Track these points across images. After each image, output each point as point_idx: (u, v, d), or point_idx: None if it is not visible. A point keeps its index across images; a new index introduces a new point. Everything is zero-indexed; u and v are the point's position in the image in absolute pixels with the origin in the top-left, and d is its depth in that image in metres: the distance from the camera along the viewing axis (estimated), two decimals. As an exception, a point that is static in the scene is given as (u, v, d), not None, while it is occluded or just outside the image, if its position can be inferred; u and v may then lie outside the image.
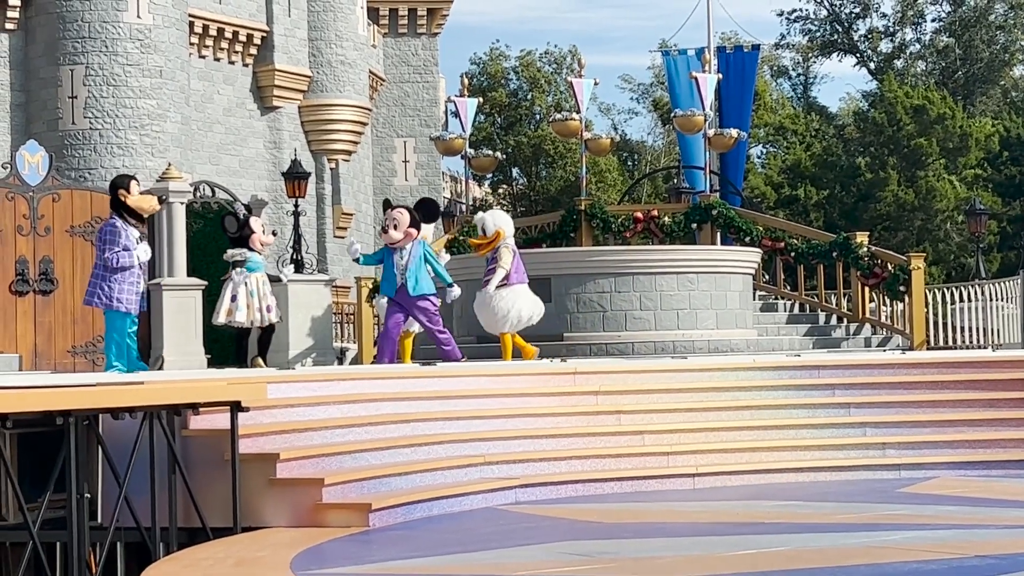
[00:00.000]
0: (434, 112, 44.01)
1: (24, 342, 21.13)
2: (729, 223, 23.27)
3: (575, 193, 36.06)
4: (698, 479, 12.68)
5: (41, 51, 32.40)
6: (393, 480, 10.91)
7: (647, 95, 64.40)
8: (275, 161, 36.63)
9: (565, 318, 19.63)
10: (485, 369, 14.12)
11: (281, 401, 11.37)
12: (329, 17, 38.28)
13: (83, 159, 31.94)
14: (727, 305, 20.33)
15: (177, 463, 9.90)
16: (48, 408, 8.94)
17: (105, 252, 13.66)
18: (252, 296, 15.85)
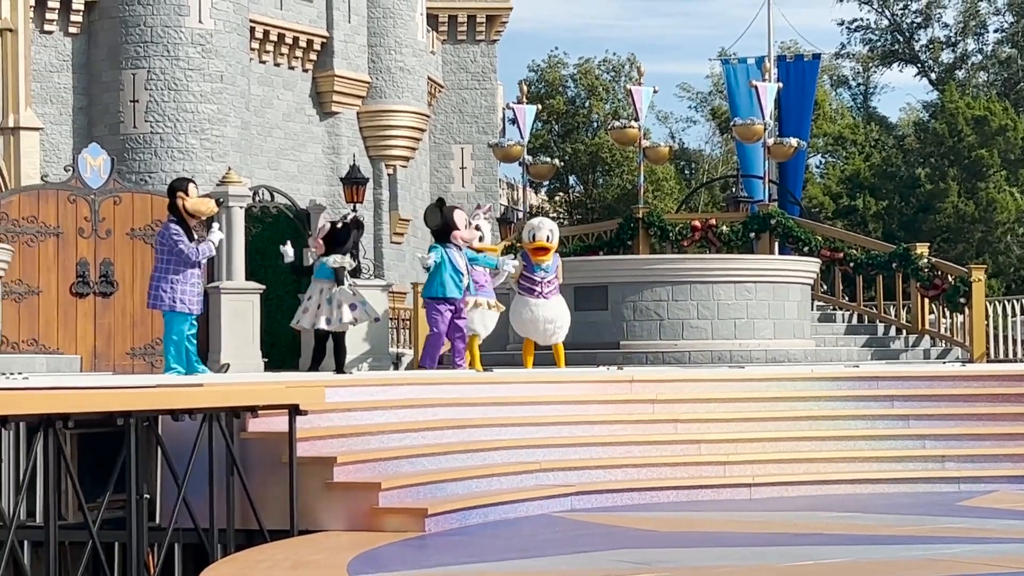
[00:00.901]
0: (492, 119, 44.07)
1: (84, 343, 21.30)
2: (787, 233, 23.18)
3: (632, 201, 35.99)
4: (755, 489, 12.61)
5: (104, 55, 32.70)
6: (449, 485, 10.92)
7: (705, 104, 64.25)
8: (333, 166, 36.79)
9: (622, 326, 19.60)
10: (542, 376, 14.12)
11: (339, 405, 11.40)
12: (388, 24, 38.42)
13: (144, 163, 32.19)
14: (785, 315, 20.24)
15: (235, 465, 9.94)
16: (109, 409, 9.01)
17: (179, 246, 13.71)
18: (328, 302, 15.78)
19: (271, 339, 22.18)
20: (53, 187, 22.02)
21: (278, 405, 10.23)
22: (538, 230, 16.46)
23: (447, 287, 15.19)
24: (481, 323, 15.95)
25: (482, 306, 15.88)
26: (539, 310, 16.45)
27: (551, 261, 16.49)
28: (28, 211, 21.24)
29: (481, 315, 15.91)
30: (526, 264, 16.49)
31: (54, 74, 32.65)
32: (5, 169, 31.42)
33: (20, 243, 20.81)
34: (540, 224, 16.65)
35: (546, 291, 16.50)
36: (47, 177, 24.47)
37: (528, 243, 16.47)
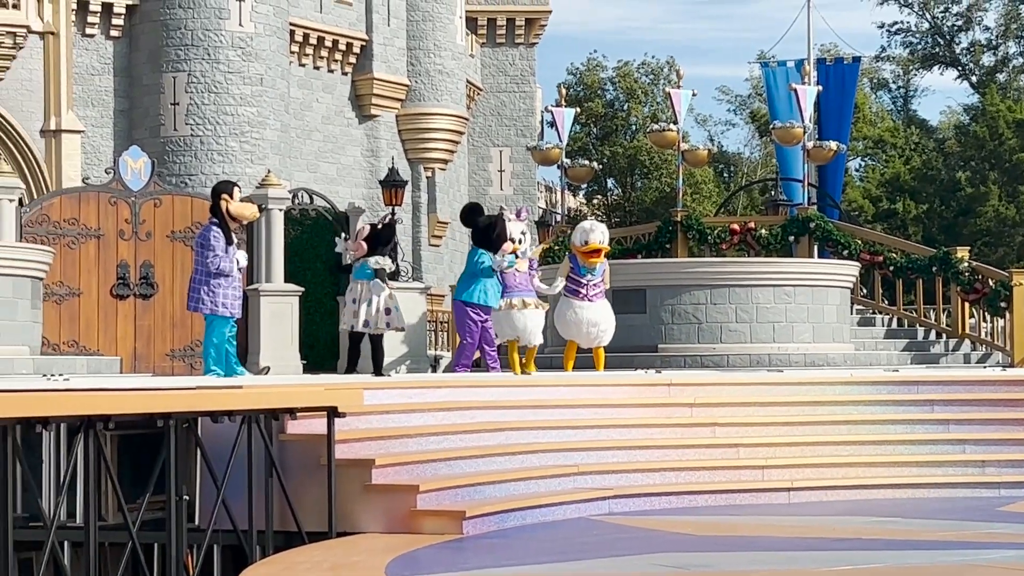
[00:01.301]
0: (530, 122, 44.08)
1: (124, 345, 21.42)
2: (827, 236, 23.10)
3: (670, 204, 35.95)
4: (794, 493, 12.57)
5: (145, 58, 32.88)
6: (487, 488, 10.92)
7: (745, 107, 64.10)
8: (372, 169, 36.88)
9: (660, 329, 19.57)
10: (580, 379, 14.11)
11: (377, 407, 11.43)
12: (428, 27, 38.49)
13: (184, 165, 32.35)
14: (824, 319, 20.17)
15: (274, 467, 9.97)
16: (149, 410, 9.05)
17: (207, 257, 13.83)
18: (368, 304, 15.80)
19: (310, 341, 22.26)
20: (94, 189, 22.15)
21: (317, 407, 10.26)
22: (590, 233, 16.41)
23: (489, 296, 15.15)
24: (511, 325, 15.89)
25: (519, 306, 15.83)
26: (583, 312, 16.43)
27: (600, 265, 16.47)
28: (69, 213, 21.38)
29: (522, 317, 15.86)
30: (573, 267, 16.46)
31: (95, 77, 32.84)
32: (47, 171, 31.63)
33: (61, 245, 20.95)
34: (592, 227, 16.59)
35: (591, 294, 16.48)
36: (88, 179, 24.64)
37: (580, 246, 16.42)
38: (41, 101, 31.82)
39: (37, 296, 18.23)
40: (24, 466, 8.68)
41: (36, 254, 18.42)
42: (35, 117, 31.76)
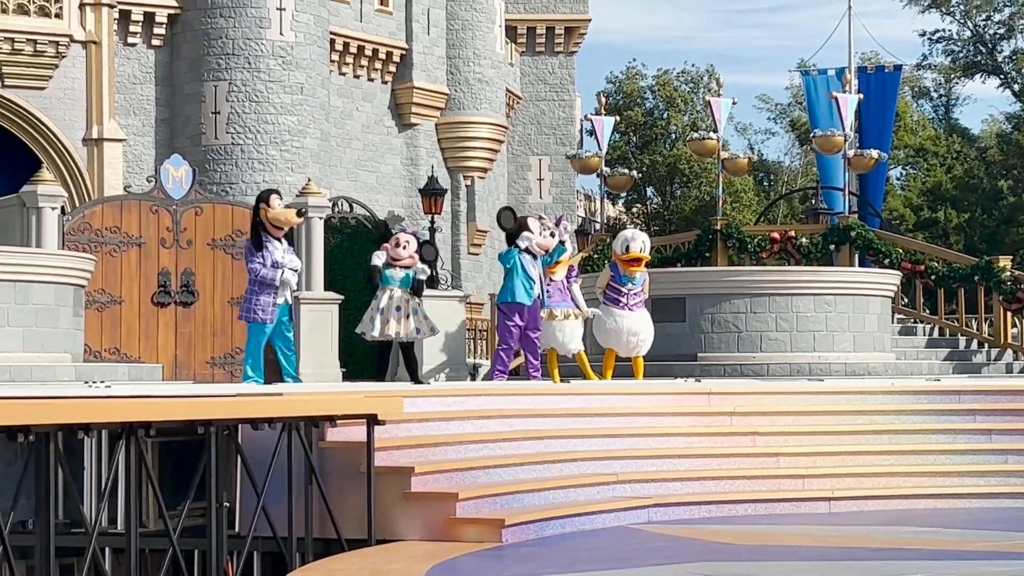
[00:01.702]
0: (570, 130, 44.08)
1: (165, 352, 21.51)
2: (868, 245, 23.00)
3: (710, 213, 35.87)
4: (834, 503, 12.52)
5: (186, 67, 33.04)
6: (526, 496, 10.92)
7: (785, 115, 63.91)
8: (412, 178, 36.94)
9: (699, 338, 19.52)
10: (619, 388, 14.10)
11: (416, 415, 11.44)
12: (467, 35, 38.54)
13: (225, 173, 32.49)
14: (865, 328, 20.07)
15: (314, 474, 10.00)
16: (190, 417, 9.10)
17: (248, 265, 14.03)
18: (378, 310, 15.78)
19: (349, 349, 22.29)
20: (136, 198, 22.27)
21: (356, 415, 10.29)
22: (632, 241, 16.40)
23: (517, 293, 15.19)
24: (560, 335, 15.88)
25: (559, 316, 15.82)
26: (623, 321, 16.41)
27: (641, 274, 16.44)
28: (111, 221, 21.49)
29: (560, 327, 15.86)
30: (614, 275, 16.45)
31: (137, 86, 33.03)
32: (89, 180, 31.82)
33: (103, 253, 21.06)
34: (634, 236, 16.58)
35: (631, 303, 16.46)
36: (130, 188, 24.79)
37: (621, 254, 16.40)
38: (83, 110, 32.01)
39: (79, 304, 18.33)
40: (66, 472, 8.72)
41: (78, 262, 18.52)
42: (77, 126, 31.96)
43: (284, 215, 14.14)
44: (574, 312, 15.95)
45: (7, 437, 7.66)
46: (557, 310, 15.79)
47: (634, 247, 16.28)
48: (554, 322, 15.81)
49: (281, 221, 14.11)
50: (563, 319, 15.83)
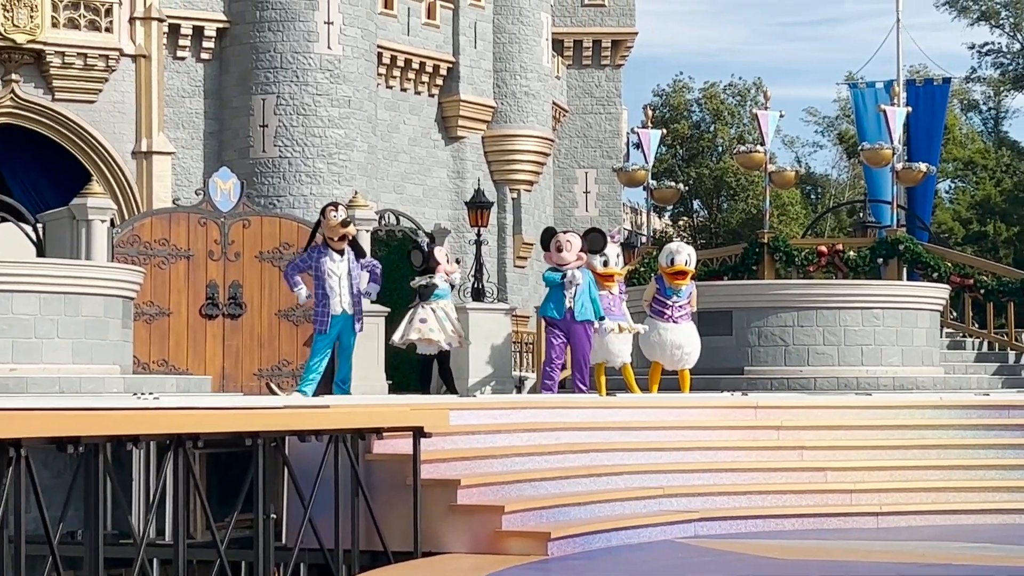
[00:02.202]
0: (616, 143, 44.05)
1: (212, 364, 21.59)
2: (916, 259, 22.87)
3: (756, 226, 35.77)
4: (882, 518, 12.45)
5: (234, 80, 33.23)
6: (572, 510, 10.91)
7: (832, 128, 63.66)
8: (458, 190, 37.00)
9: (746, 351, 19.45)
10: (665, 401, 14.07)
11: (462, 428, 11.45)
12: (514, 49, 38.60)
13: (272, 186, 32.63)
14: (913, 342, 19.95)
15: (360, 486, 10.02)
16: (238, 429, 9.13)
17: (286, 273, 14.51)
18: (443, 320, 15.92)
19: (395, 362, 22.32)
20: (184, 210, 22.38)
21: (403, 427, 10.31)
22: (677, 254, 16.37)
23: (551, 308, 15.39)
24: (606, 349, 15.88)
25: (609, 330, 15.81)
26: (668, 334, 16.37)
27: (686, 287, 16.41)
28: (160, 234, 21.62)
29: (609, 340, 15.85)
30: (659, 288, 16.43)
31: (186, 99, 33.23)
32: (138, 192, 32.03)
33: (152, 265, 21.18)
34: (679, 248, 16.55)
35: (676, 316, 16.42)
36: (178, 200, 24.92)
37: (666, 267, 16.39)
38: (133, 123, 32.23)
39: (128, 316, 18.44)
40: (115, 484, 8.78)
41: (127, 274, 18.64)
42: (127, 139, 32.18)
43: (334, 229, 14.33)
44: (623, 326, 15.94)
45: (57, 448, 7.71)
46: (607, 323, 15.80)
47: (679, 260, 16.26)
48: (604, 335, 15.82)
49: (336, 231, 14.33)
50: (613, 332, 15.84)
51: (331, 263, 14.20)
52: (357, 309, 14.38)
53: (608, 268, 15.99)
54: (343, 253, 14.33)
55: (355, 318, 14.36)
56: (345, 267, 14.28)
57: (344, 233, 14.37)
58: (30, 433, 7.48)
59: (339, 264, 14.24)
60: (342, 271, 14.22)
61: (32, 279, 17.19)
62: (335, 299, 14.15)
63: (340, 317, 14.22)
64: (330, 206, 14.48)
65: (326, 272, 14.18)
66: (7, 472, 7.35)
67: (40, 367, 16.84)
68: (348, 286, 14.24)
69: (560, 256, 15.35)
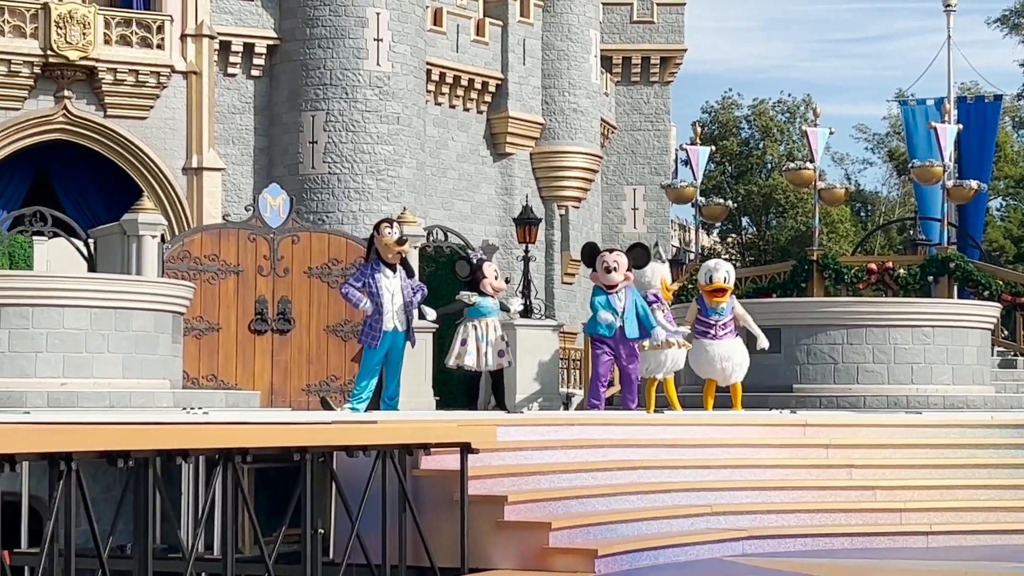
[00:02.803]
0: (664, 160, 44.00)
1: (261, 379, 21.67)
2: (967, 276, 22.72)
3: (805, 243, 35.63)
4: (932, 537, 12.35)
5: (284, 97, 33.41)
6: (619, 527, 10.88)
7: (882, 145, 63.37)
8: (506, 207, 37.04)
9: (795, 369, 19.36)
10: (714, 418, 14.03)
11: (509, 444, 11.45)
12: (563, 65, 38.64)
13: (321, 202, 32.78)
14: (964, 360, 19.80)
15: (408, 502, 10.03)
16: (286, 444, 9.16)
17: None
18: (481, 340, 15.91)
19: (443, 378, 22.34)
20: (234, 226, 22.49)
21: (450, 443, 10.31)
22: (715, 272, 16.32)
23: (598, 324, 15.38)
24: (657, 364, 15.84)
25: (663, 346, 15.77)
26: (714, 348, 16.33)
27: (726, 304, 16.36)
28: (210, 249, 21.73)
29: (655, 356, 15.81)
30: (700, 308, 16.40)
31: (236, 116, 33.44)
32: (188, 208, 32.24)
33: (202, 280, 21.29)
34: (716, 266, 16.50)
35: (720, 333, 16.37)
36: (228, 216, 25.02)
37: (704, 285, 16.36)
38: (183, 139, 32.47)
39: (178, 331, 18.55)
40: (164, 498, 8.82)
41: (177, 289, 18.75)
42: (177, 155, 32.42)
43: (386, 248, 14.40)
44: (678, 341, 15.88)
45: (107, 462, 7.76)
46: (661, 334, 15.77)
47: (716, 277, 16.23)
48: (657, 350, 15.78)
49: (389, 248, 14.41)
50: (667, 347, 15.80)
51: (385, 279, 14.26)
52: (409, 326, 14.44)
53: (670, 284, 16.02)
54: (395, 270, 14.39)
55: (406, 335, 14.41)
56: (397, 284, 14.35)
57: (399, 251, 14.42)
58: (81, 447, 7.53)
59: (392, 280, 14.31)
60: (394, 288, 14.29)
61: (83, 294, 17.31)
62: (387, 315, 14.20)
63: (391, 334, 14.27)
64: (384, 222, 14.52)
65: (381, 288, 14.24)
66: (58, 485, 7.40)
67: (91, 381, 16.95)
68: (400, 303, 14.31)
69: (608, 277, 15.34)
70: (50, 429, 7.79)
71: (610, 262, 15.37)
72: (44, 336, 16.97)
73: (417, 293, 14.60)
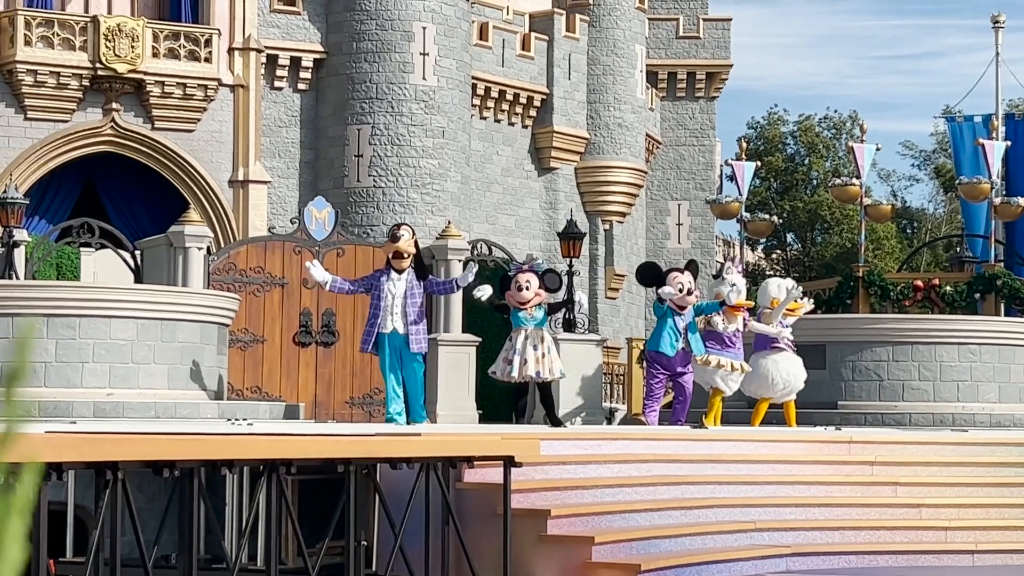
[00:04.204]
0: (709, 175, 43.90)
1: (305, 392, 21.73)
2: (1015, 294, 22.55)
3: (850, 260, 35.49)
4: (977, 556, 12.27)
5: (330, 111, 33.55)
6: (662, 542, 10.86)
7: (929, 162, 63.04)
8: (550, 221, 37.05)
9: (840, 386, 19.27)
10: (758, 435, 13.97)
11: (553, 458, 11.44)
12: (608, 80, 38.64)
13: (366, 215, 32.88)
14: (1011, 378, 19.67)
15: (451, 514, 10.03)
16: (330, 456, 9.19)
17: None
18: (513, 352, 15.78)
19: (486, 391, 22.36)
20: (279, 238, 22.59)
21: (493, 456, 10.31)
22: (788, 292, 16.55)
23: (661, 343, 15.34)
24: (725, 384, 15.80)
25: (726, 367, 15.70)
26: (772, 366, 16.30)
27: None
28: (255, 261, 21.82)
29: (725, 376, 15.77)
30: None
31: (282, 129, 33.60)
32: (234, 220, 32.40)
33: (247, 292, 21.38)
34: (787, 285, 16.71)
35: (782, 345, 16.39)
36: (274, 229, 25.16)
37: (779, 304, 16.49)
38: (230, 152, 32.64)
39: (223, 342, 18.62)
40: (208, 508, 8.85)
41: (223, 301, 18.83)
42: (224, 168, 32.59)
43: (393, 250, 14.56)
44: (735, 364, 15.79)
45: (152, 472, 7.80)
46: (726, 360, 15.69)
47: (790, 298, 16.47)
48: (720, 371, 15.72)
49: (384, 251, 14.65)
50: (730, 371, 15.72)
51: (388, 282, 14.28)
52: (413, 330, 14.26)
53: (740, 299, 15.91)
54: (403, 272, 14.33)
55: (407, 338, 14.25)
56: (403, 287, 14.26)
57: (395, 249, 14.36)
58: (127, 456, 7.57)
59: (397, 284, 14.26)
60: (398, 291, 14.22)
61: (129, 305, 17.41)
62: (386, 317, 14.20)
63: (390, 335, 14.22)
64: (395, 226, 14.63)
65: (383, 291, 14.24)
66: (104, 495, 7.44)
67: (136, 392, 17.04)
68: (402, 306, 14.22)
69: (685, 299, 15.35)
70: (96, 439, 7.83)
71: (685, 283, 15.44)
72: (91, 347, 17.08)
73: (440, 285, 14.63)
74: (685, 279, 15.49)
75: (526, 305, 15.13)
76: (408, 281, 14.30)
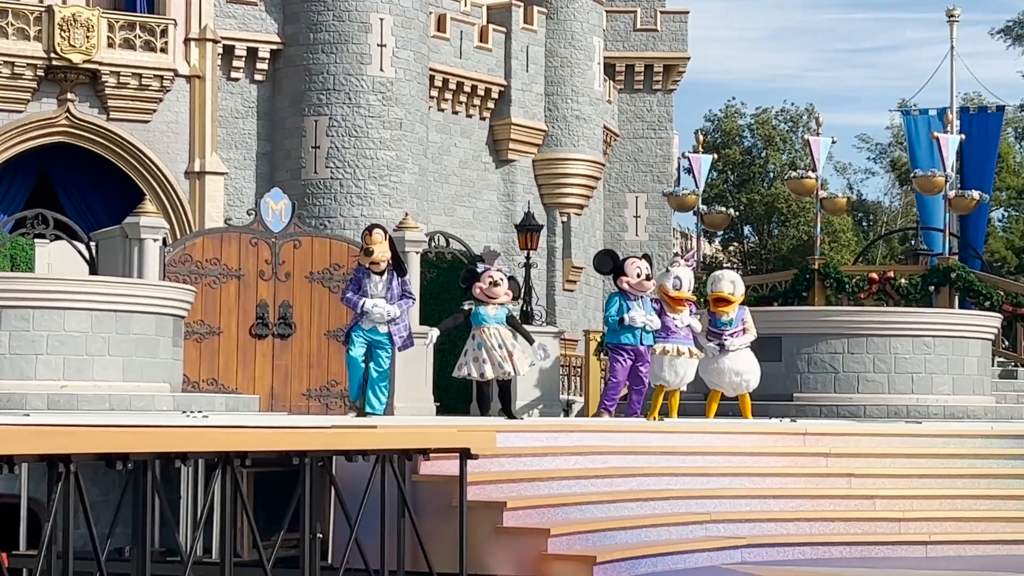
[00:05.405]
0: (667, 168, 44.00)
1: (262, 384, 21.68)
2: (968, 287, 22.70)
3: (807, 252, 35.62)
4: (931, 547, 12.35)
5: (287, 102, 33.44)
6: (619, 534, 10.88)
7: (885, 155, 63.37)
8: (508, 213, 37.06)
9: (795, 378, 19.36)
10: (714, 427, 14.02)
11: (509, 450, 11.45)
12: (566, 72, 38.66)
13: (323, 207, 32.80)
14: (964, 371, 19.80)
15: (407, 507, 10.03)
16: (286, 448, 9.16)
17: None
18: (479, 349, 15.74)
19: (443, 383, 22.36)
20: (236, 230, 22.51)
21: (449, 448, 10.31)
22: (719, 282, 16.40)
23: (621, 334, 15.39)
24: (671, 371, 15.81)
25: (671, 353, 15.74)
26: (725, 361, 16.32)
27: (733, 314, 16.33)
28: (211, 253, 21.75)
29: (671, 363, 15.78)
30: (711, 317, 16.40)
31: (239, 120, 33.47)
32: (190, 212, 32.26)
33: (203, 284, 21.30)
34: (721, 276, 16.59)
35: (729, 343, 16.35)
36: (230, 220, 25.06)
37: (710, 295, 16.42)
38: (186, 143, 32.49)
39: (179, 334, 18.56)
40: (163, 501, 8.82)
41: (178, 293, 18.75)
42: (180, 159, 32.44)
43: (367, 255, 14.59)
44: (683, 348, 15.83)
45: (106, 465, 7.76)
46: (671, 345, 15.73)
47: (718, 287, 16.28)
48: (669, 358, 15.74)
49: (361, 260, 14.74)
50: (676, 356, 15.77)
51: (369, 284, 14.48)
52: (394, 328, 14.48)
53: (680, 292, 15.90)
54: (383, 274, 14.45)
55: (388, 336, 14.48)
56: (383, 286, 14.42)
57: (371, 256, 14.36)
58: (80, 449, 7.53)
59: (378, 284, 14.42)
60: (379, 291, 14.41)
61: (84, 296, 17.32)
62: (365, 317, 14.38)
63: (370, 332, 14.42)
64: (366, 232, 14.66)
65: (368, 290, 14.41)
66: (57, 487, 7.40)
67: (91, 384, 16.96)
68: (382, 304, 14.37)
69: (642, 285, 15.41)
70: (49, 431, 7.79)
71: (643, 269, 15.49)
72: (45, 338, 16.98)
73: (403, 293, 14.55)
74: (643, 265, 15.54)
75: (495, 300, 15.15)
76: (389, 279, 14.48)
